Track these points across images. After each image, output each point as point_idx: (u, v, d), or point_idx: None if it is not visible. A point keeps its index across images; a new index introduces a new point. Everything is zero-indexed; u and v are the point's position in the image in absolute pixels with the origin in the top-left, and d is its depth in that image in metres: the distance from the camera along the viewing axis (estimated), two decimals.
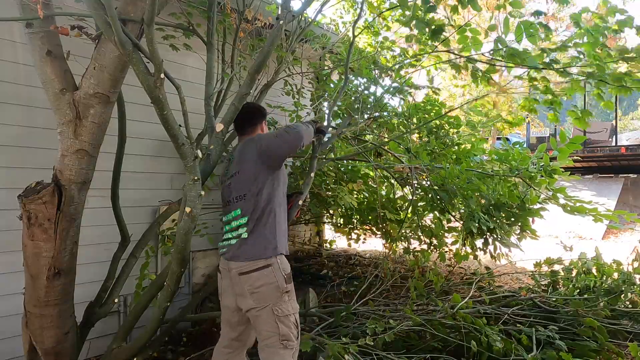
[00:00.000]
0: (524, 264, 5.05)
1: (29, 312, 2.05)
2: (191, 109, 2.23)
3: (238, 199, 2.02)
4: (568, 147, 2.99)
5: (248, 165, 2.02)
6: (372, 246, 6.57)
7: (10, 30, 2.68)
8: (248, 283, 1.92)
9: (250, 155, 2.03)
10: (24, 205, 1.89)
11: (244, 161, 2.05)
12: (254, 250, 1.94)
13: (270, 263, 1.94)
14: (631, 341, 2.76)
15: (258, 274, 1.92)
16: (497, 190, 3.57)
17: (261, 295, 1.91)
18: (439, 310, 2.95)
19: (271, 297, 1.92)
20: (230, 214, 2.05)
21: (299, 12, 2.61)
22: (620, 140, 12.18)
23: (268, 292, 1.91)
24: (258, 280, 1.92)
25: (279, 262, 1.97)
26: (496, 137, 14.63)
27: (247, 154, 2.05)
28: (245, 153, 2.06)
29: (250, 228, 1.97)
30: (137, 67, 1.79)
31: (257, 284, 1.91)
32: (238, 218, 2.00)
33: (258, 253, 1.94)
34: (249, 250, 1.95)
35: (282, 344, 1.91)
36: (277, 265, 1.96)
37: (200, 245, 3.75)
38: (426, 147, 4.05)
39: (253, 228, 1.97)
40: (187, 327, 3.60)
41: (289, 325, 1.94)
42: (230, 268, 1.98)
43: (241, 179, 2.02)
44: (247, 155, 2.05)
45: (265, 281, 1.92)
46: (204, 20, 2.84)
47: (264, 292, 1.91)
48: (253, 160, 2.01)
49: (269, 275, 1.92)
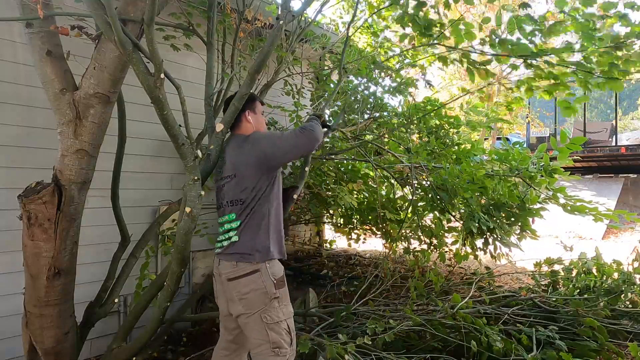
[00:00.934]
0: (524, 264, 5.04)
1: (29, 312, 2.05)
2: (191, 109, 2.24)
3: (232, 203, 1.93)
4: (568, 147, 2.99)
5: (245, 172, 1.91)
6: (372, 246, 6.57)
7: (10, 30, 2.68)
8: (236, 289, 1.88)
9: (247, 160, 1.92)
10: (24, 205, 1.89)
11: (240, 165, 1.93)
12: (242, 255, 1.88)
13: (258, 268, 1.87)
14: (631, 341, 2.76)
15: (245, 279, 1.86)
16: (498, 190, 3.57)
17: (249, 301, 1.86)
18: (439, 311, 2.95)
19: (259, 303, 1.85)
20: (224, 217, 1.97)
21: (299, 12, 2.61)
22: (620, 140, 12.17)
23: (255, 299, 1.85)
24: (246, 287, 1.86)
25: (267, 267, 1.89)
26: (496, 137, 14.63)
27: (243, 157, 1.94)
28: (241, 155, 1.95)
29: (240, 230, 1.90)
30: (137, 67, 1.79)
31: (245, 290, 1.86)
32: (231, 222, 1.93)
33: (246, 258, 1.87)
34: (237, 255, 1.89)
35: (273, 352, 1.85)
36: (266, 270, 1.88)
37: (200, 245, 3.75)
38: (426, 147, 4.05)
39: (244, 231, 1.90)
40: (187, 327, 3.60)
41: (280, 332, 1.87)
42: (220, 272, 1.94)
43: (237, 184, 1.92)
44: (242, 158, 1.94)
45: (252, 287, 1.86)
46: (204, 21, 2.84)
47: (251, 298, 1.85)
48: (252, 167, 1.91)
49: (256, 281, 1.86)
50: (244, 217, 1.91)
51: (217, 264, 1.98)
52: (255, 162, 1.91)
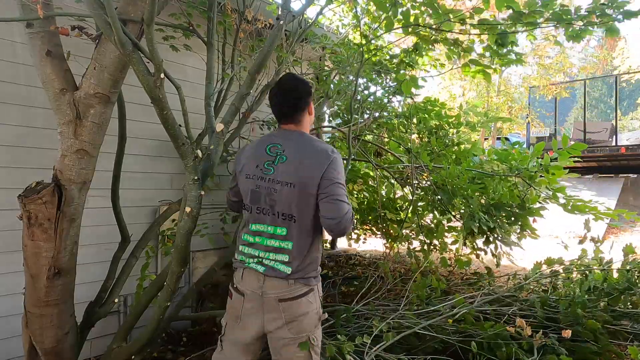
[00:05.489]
0: (524, 264, 5.04)
1: (29, 312, 2.05)
2: (191, 109, 2.23)
3: (286, 217, 1.68)
4: (568, 151, 3.01)
5: (311, 188, 1.65)
6: (372, 246, 6.57)
7: (10, 30, 2.68)
8: (289, 311, 1.67)
9: (316, 176, 1.65)
10: (24, 205, 1.89)
11: (307, 177, 1.66)
12: (297, 272, 1.68)
13: (313, 288, 1.72)
14: (631, 342, 2.76)
15: (301, 300, 1.68)
16: (498, 190, 3.57)
17: (301, 324, 1.69)
18: (440, 313, 2.95)
19: (311, 325, 1.71)
20: (270, 227, 1.71)
21: (299, 13, 2.61)
22: (620, 140, 12.18)
23: (309, 321, 1.70)
24: (300, 308, 1.68)
25: (318, 285, 1.75)
26: (496, 137, 14.62)
27: (315, 171, 1.65)
28: (313, 167, 1.66)
29: (296, 245, 1.68)
30: (137, 67, 1.79)
31: (299, 312, 1.67)
32: (282, 238, 1.70)
33: (305, 277, 1.69)
34: (295, 273, 1.68)
35: None
36: (317, 289, 1.74)
37: (200, 245, 3.75)
38: (426, 147, 4.05)
39: (300, 250, 1.69)
40: (187, 327, 3.60)
41: (318, 353, 1.76)
42: (265, 291, 1.69)
43: (298, 196, 1.66)
44: (313, 171, 1.66)
45: (307, 309, 1.69)
46: (204, 21, 2.84)
47: (304, 320, 1.69)
48: (316, 186, 1.65)
49: (313, 302, 1.70)
50: (298, 233, 1.69)
51: (257, 281, 1.71)
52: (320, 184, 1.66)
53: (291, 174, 1.67)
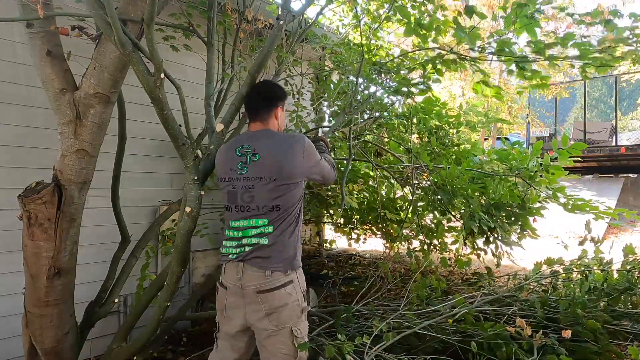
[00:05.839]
0: (524, 264, 5.04)
1: (29, 312, 2.05)
2: (191, 109, 2.23)
3: (266, 208, 1.74)
4: (568, 151, 3.01)
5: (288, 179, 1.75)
6: (372, 246, 6.57)
7: (10, 30, 2.68)
8: (268, 302, 1.71)
9: (293, 167, 1.76)
10: (24, 205, 1.89)
11: (282, 170, 1.74)
12: (276, 264, 1.72)
13: (291, 279, 1.75)
14: (631, 342, 2.76)
15: (280, 292, 1.71)
16: (498, 190, 3.57)
17: (281, 315, 1.72)
18: (440, 313, 2.95)
19: (292, 316, 1.74)
20: (249, 221, 1.76)
21: (299, 13, 2.61)
22: (620, 140, 12.18)
23: (289, 312, 1.73)
24: (280, 299, 1.71)
25: (298, 276, 1.78)
26: (496, 137, 14.61)
27: (288, 163, 1.75)
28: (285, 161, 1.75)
29: (274, 238, 1.73)
30: (137, 67, 1.79)
31: (278, 303, 1.71)
32: (259, 227, 1.75)
33: (280, 267, 1.72)
34: (269, 264, 1.72)
35: None
36: (297, 280, 1.77)
37: (200, 245, 3.75)
38: (427, 147, 4.05)
39: (278, 239, 1.74)
40: (187, 327, 3.60)
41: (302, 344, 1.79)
42: (244, 284, 1.72)
43: (274, 190, 1.74)
44: (287, 164, 1.75)
45: (286, 300, 1.72)
46: (204, 21, 2.84)
47: (284, 311, 1.72)
48: (296, 175, 1.78)
49: (291, 292, 1.73)
50: (277, 224, 1.74)
51: (236, 274, 1.75)
52: (300, 173, 1.80)
53: (266, 168, 1.76)
